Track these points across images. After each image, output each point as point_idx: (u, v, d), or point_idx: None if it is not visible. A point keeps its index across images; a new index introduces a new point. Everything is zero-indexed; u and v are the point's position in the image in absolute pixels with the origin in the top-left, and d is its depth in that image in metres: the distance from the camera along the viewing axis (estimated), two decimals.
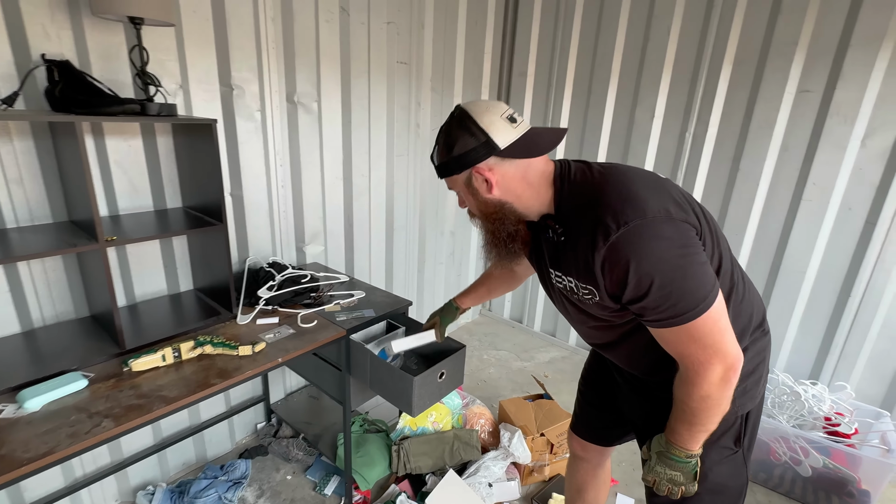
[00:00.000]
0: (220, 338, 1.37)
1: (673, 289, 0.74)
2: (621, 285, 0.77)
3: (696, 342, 0.77)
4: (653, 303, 0.76)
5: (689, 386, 0.81)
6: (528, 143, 0.84)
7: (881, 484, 1.78)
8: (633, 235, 0.74)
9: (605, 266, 0.77)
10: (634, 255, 0.74)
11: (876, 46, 1.83)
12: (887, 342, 2.03)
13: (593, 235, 0.77)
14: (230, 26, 1.63)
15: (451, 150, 0.85)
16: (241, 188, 1.81)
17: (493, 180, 0.85)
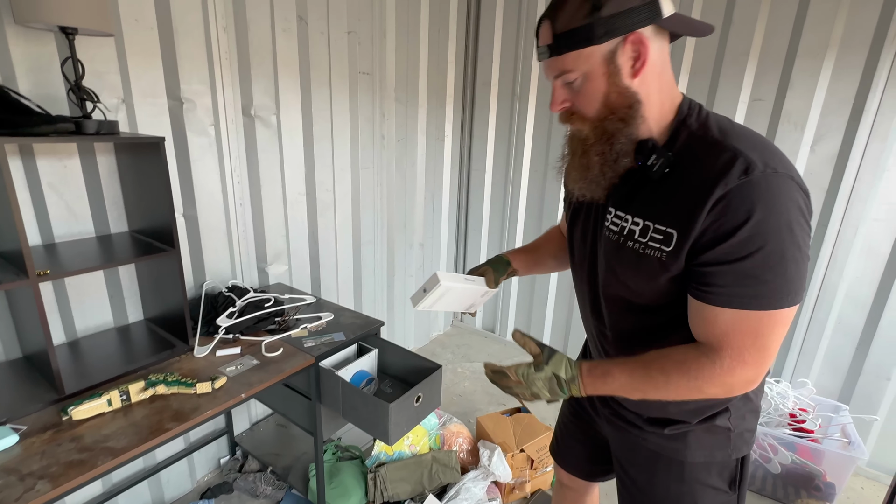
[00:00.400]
0: (175, 375, 1.25)
1: (779, 263, 0.62)
2: (723, 236, 0.63)
3: (754, 336, 0.65)
4: (745, 271, 0.63)
5: (700, 369, 0.68)
6: (683, 21, 0.68)
7: (845, 476, 1.85)
8: (775, 183, 0.61)
9: (718, 205, 0.63)
10: (764, 206, 0.61)
11: (820, 57, 1.93)
12: (841, 338, 2.13)
13: (726, 167, 0.63)
14: (178, 35, 1.52)
15: (599, 7, 0.64)
16: (195, 208, 1.69)
17: (646, 57, 0.66)
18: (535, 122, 2.79)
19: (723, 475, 0.87)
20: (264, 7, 1.74)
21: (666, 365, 0.71)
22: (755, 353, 0.66)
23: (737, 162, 0.63)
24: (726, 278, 0.65)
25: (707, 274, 0.66)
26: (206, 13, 1.58)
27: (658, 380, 0.71)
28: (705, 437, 0.84)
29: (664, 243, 0.70)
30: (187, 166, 1.64)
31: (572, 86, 0.72)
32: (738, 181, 0.62)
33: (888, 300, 1.98)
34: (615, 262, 0.79)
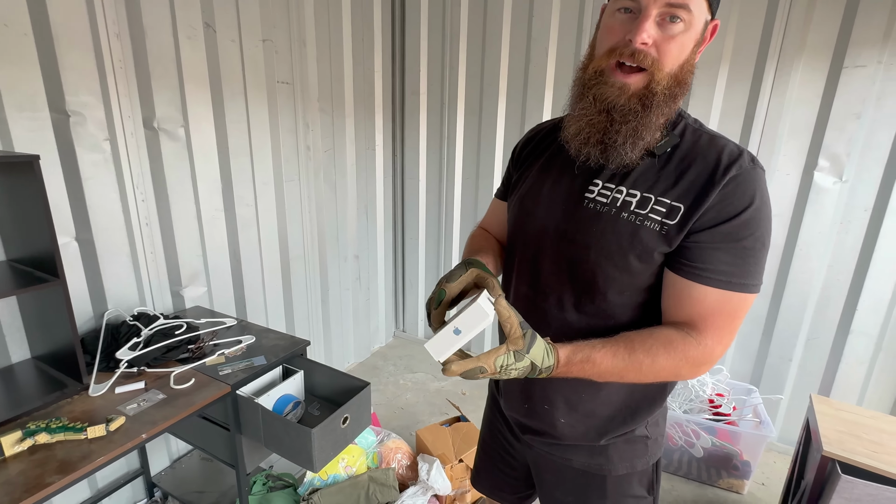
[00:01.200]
0: (62, 420, 1.12)
1: (760, 250, 0.68)
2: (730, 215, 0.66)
3: (730, 318, 0.69)
4: (738, 251, 0.67)
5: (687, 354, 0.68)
6: None
7: (758, 453, 2.00)
8: (758, 177, 0.68)
9: (729, 185, 0.66)
10: (760, 195, 0.67)
11: (716, 69, 2.09)
12: (749, 325, 2.31)
13: (735, 154, 0.69)
14: (59, 43, 1.38)
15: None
16: (91, 231, 1.53)
17: (708, 42, 0.72)
18: (464, 129, 2.82)
19: (642, 482, 0.89)
20: (163, 13, 1.63)
21: (653, 346, 0.68)
22: (728, 334, 0.70)
23: (744, 153, 0.69)
24: (723, 256, 0.67)
25: (706, 250, 0.68)
26: (93, 18, 1.45)
27: (644, 362, 0.68)
28: (626, 449, 0.86)
29: (668, 217, 0.70)
30: (78, 185, 1.48)
31: (672, 27, 0.66)
32: (749, 166, 0.68)
33: (785, 288, 2.18)
34: (599, 233, 0.74)
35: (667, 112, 0.71)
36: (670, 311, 0.73)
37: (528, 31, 2.49)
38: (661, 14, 0.65)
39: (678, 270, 0.70)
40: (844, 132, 1.94)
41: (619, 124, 0.70)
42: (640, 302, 0.77)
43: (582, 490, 0.90)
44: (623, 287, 0.75)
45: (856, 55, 1.86)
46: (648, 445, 0.87)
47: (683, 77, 0.69)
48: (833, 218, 2.03)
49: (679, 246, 0.70)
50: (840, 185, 1.99)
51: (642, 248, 0.72)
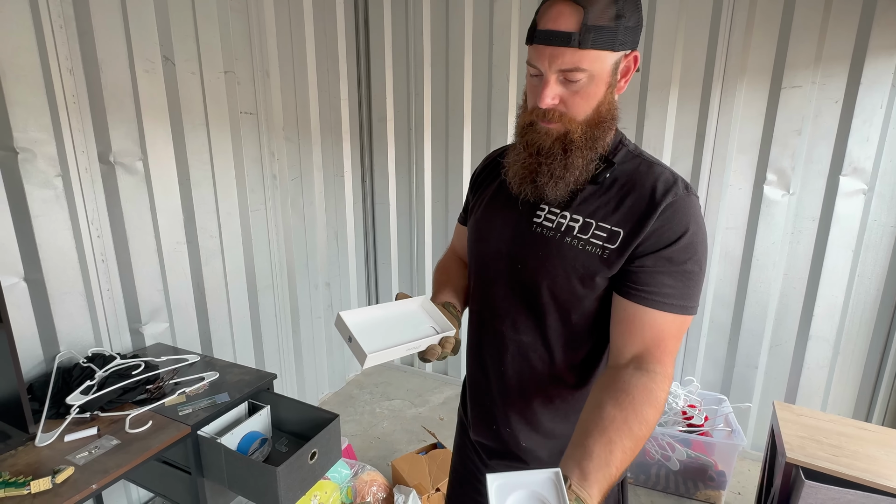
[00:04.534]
0: (2, 475, 1.04)
1: (698, 273, 0.71)
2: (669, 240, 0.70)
3: (676, 339, 0.71)
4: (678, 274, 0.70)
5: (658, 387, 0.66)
6: None
7: (731, 462, 2.03)
8: (692, 204, 0.71)
9: (666, 212, 0.70)
10: (695, 222, 0.71)
11: (666, 91, 2.20)
12: (715, 334, 2.37)
13: (671, 181, 0.72)
14: (6, 79, 1.34)
15: (621, 17, 0.66)
16: (41, 270, 1.47)
17: (630, 76, 0.73)
18: (432, 153, 2.86)
19: (608, 502, 0.88)
20: (119, 47, 1.62)
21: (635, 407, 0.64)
22: (673, 356, 0.71)
23: (678, 181, 0.73)
24: (666, 279, 0.70)
25: (649, 275, 0.70)
26: (44, 54, 1.42)
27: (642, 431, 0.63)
28: None
29: (609, 242, 0.72)
30: (27, 223, 1.43)
31: (573, 84, 0.69)
32: (683, 194, 0.71)
33: (746, 298, 2.25)
34: (545, 257, 0.77)
35: (606, 140, 0.75)
36: (622, 339, 0.72)
37: (489, 58, 2.57)
38: (562, 75, 0.69)
39: (627, 295, 0.72)
40: (788, 147, 2.05)
41: (545, 165, 0.75)
42: (590, 325, 0.79)
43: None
44: (572, 309, 0.77)
45: (792, 76, 1.99)
46: None
47: (602, 118, 0.72)
48: (784, 228, 2.13)
49: (625, 270, 0.72)
50: (788, 197, 2.09)
51: (585, 271, 0.74)
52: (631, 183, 0.74)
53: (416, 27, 2.70)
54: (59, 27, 1.45)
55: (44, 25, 1.42)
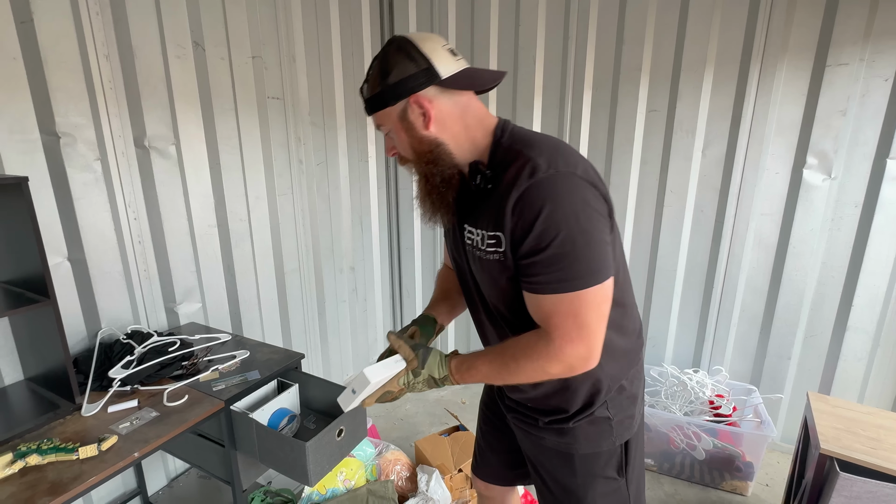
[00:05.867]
0: (53, 441, 1.11)
1: (573, 249, 0.71)
2: (526, 230, 0.73)
3: (572, 315, 0.73)
4: (548, 259, 0.72)
5: (540, 351, 0.76)
6: (469, 76, 0.80)
7: (760, 454, 1.99)
8: (558, 181, 0.71)
9: (517, 205, 0.73)
10: (551, 200, 0.71)
11: (701, 71, 2.12)
12: (746, 324, 2.31)
13: (519, 172, 0.74)
14: (48, 65, 1.39)
15: (386, 77, 0.78)
16: (83, 250, 1.54)
17: (431, 113, 0.79)
18: None
19: (611, 463, 0.95)
20: (152, 33, 1.65)
21: (516, 352, 0.80)
22: (578, 330, 0.74)
23: (526, 167, 0.73)
24: (538, 268, 0.74)
25: (526, 266, 0.76)
26: (82, 41, 1.47)
27: (511, 366, 0.80)
28: (590, 430, 0.92)
29: (497, 246, 0.79)
30: (70, 206, 1.49)
31: (390, 136, 0.86)
32: (528, 182, 0.72)
33: (780, 286, 2.18)
34: (477, 270, 0.88)
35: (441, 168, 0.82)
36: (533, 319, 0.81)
37: (515, 40, 2.52)
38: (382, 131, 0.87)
39: (521, 285, 0.80)
40: (831, 129, 1.95)
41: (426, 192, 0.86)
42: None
43: (557, 468, 0.98)
44: (512, 305, 0.85)
45: (838, 53, 1.89)
46: (613, 427, 0.92)
47: (425, 149, 0.82)
48: (824, 215, 2.03)
49: (517, 265, 0.78)
50: (829, 181, 2.00)
51: (498, 277, 0.83)
52: (503, 175, 0.78)
53: (441, 9, 2.66)
54: (95, 14, 1.49)
55: (81, 13, 1.46)
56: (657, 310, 2.47)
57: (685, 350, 2.48)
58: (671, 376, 2.25)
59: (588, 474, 0.94)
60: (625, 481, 0.96)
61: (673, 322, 2.46)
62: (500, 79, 0.84)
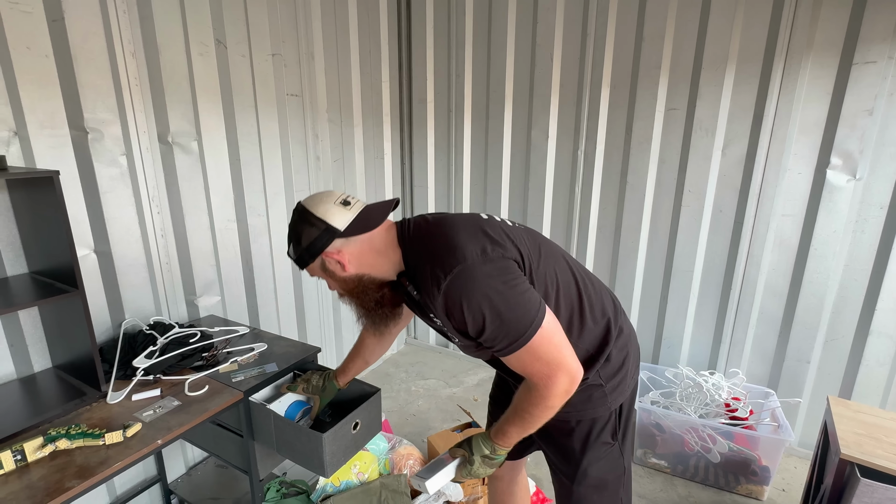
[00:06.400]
0: (80, 427, 1.15)
1: (503, 319, 0.83)
2: (462, 323, 0.86)
3: (538, 360, 0.86)
4: (491, 334, 0.85)
5: (537, 398, 0.89)
6: (363, 219, 0.93)
7: (777, 458, 1.96)
8: (458, 280, 0.84)
9: (446, 310, 0.87)
10: (464, 297, 0.84)
11: (722, 69, 2.08)
12: (764, 326, 2.27)
13: (431, 287, 0.87)
14: (77, 63, 1.43)
15: (299, 243, 0.93)
16: (108, 243, 1.58)
17: (344, 260, 0.93)
18: (471, 135, 2.84)
19: (606, 429, 1.05)
20: (176, 31, 1.69)
21: (525, 406, 0.92)
22: (549, 367, 0.86)
23: (433, 283, 0.87)
24: (490, 342, 0.87)
25: (483, 341, 0.89)
26: (109, 38, 1.50)
27: (528, 419, 0.93)
28: (582, 398, 1.01)
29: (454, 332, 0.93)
30: (97, 199, 1.54)
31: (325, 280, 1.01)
32: (440, 294, 0.86)
33: (801, 289, 2.14)
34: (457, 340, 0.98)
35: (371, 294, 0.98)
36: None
37: (532, 37, 2.51)
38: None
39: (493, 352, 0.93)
40: (856, 129, 1.91)
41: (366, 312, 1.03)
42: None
43: (557, 437, 1.09)
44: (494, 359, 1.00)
45: (865, 51, 1.84)
46: (606, 393, 1.02)
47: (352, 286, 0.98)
48: (848, 216, 1.99)
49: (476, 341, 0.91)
50: (854, 182, 1.95)
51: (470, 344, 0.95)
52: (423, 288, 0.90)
53: (459, 7, 2.66)
54: (122, 12, 1.53)
55: (109, 11, 1.49)
56: (673, 310, 2.44)
57: (701, 351, 2.45)
58: (686, 377, 2.22)
59: (585, 440, 1.05)
60: (617, 444, 1.06)
61: (689, 323, 2.43)
62: (388, 210, 0.97)
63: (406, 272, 0.95)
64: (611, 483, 1.08)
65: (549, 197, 2.68)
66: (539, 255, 0.95)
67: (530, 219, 2.75)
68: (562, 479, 1.12)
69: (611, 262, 2.60)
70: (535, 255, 0.94)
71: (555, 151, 2.60)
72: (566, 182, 2.61)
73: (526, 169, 2.71)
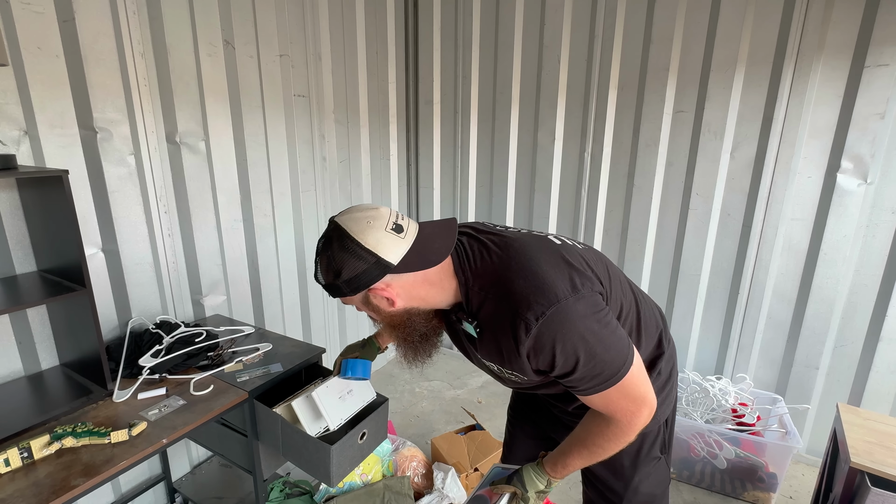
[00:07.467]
0: (87, 425, 1.15)
1: (597, 360, 0.76)
2: (550, 366, 0.78)
3: (626, 398, 0.81)
4: (581, 374, 0.78)
5: (617, 433, 0.84)
6: (421, 251, 0.79)
7: (784, 465, 1.93)
8: (552, 323, 0.74)
9: (531, 354, 0.78)
10: (559, 340, 0.75)
11: (731, 71, 2.07)
12: (772, 331, 2.25)
13: (514, 330, 0.76)
14: (87, 63, 1.45)
15: (338, 275, 0.78)
16: (116, 242, 1.59)
17: (394, 295, 0.81)
18: (478, 137, 2.84)
19: (655, 444, 1.02)
20: (185, 32, 1.70)
21: (597, 440, 0.87)
22: (635, 404, 0.82)
23: (519, 326, 0.76)
24: (576, 382, 0.80)
25: (566, 382, 0.82)
26: (119, 39, 1.51)
27: (599, 452, 0.88)
28: None
29: (520, 373, 0.85)
30: (105, 199, 1.55)
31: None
32: (528, 338, 0.76)
33: (810, 294, 2.11)
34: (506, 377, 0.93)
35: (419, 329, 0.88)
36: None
37: (539, 39, 2.50)
38: None
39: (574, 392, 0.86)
40: (868, 132, 1.88)
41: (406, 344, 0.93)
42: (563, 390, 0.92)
43: None
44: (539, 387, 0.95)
45: (878, 54, 1.82)
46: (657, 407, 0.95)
47: (398, 322, 0.86)
48: (859, 221, 1.96)
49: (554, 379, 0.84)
50: (865, 186, 1.93)
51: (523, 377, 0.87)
52: (494, 328, 0.81)
53: (466, 8, 2.66)
54: (132, 13, 1.54)
55: (119, 12, 1.50)
56: (680, 314, 2.42)
57: (708, 356, 2.43)
58: (693, 382, 2.20)
59: (636, 456, 1.01)
60: (665, 458, 1.04)
61: (696, 327, 2.41)
62: (452, 242, 0.82)
63: (466, 308, 0.84)
64: (658, 497, 1.07)
65: (556, 199, 2.67)
66: (609, 278, 0.88)
67: (536, 221, 2.74)
68: (606, 494, 1.07)
69: (617, 265, 2.58)
70: (607, 280, 0.87)
71: (561, 153, 2.59)
72: (572, 184, 2.60)
73: (532, 170, 2.70)
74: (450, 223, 0.85)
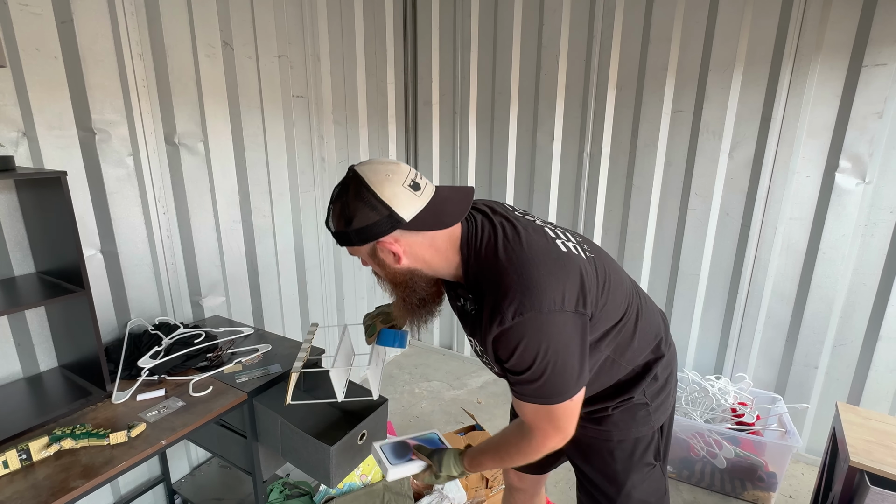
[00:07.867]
0: (85, 426, 1.15)
1: (546, 378, 0.78)
2: (507, 357, 0.80)
3: (550, 421, 0.84)
4: (525, 380, 0.80)
5: (525, 447, 0.89)
6: (435, 212, 0.79)
7: (784, 464, 1.93)
8: (524, 326, 0.76)
9: (495, 343, 0.81)
10: (524, 341, 0.77)
11: (730, 71, 2.07)
12: (771, 331, 2.25)
13: (490, 318, 0.78)
14: (86, 64, 1.44)
15: (349, 222, 0.78)
16: (115, 243, 1.59)
17: (401, 251, 0.81)
18: (476, 137, 2.84)
19: (649, 450, 1.01)
20: (184, 33, 1.69)
21: (508, 448, 0.92)
22: (554, 430, 0.85)
23: (495, 316, 0.77)
24: (517, 382, 0.82)
25: (508, 375, 0.84)
26: (117, 41, 1.51)
27: (506, 459, 0.94)
28: (626, 417, 0.98)
29: (493, 362, 0.88)
30: (103, 200, 1.54)
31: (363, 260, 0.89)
32: (497, 329, 0.78)
33: (809, 293, 2.11)
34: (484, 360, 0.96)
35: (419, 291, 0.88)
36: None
37: (538, 39, 2.50)
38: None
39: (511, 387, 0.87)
40: (866, 132, 1.89)
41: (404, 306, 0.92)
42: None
43: (594, 457, 1.04)
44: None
45: (876, 53, 1.82)
46: (650, 412, 0.99)
47: (400, 280, 0.86)
48: (857, 220, 1.97)
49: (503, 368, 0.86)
50: (863, 186, 1.93)
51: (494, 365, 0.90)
52: (479, 310, 0.82)
53: (465, 9, 2.67)
54: (130, 14, 1.54)
55: (118, 13, 1.50)
56: (679, 314, 2.43)
57: (707, 356, 2.43)
58: (692, 382, 2.21)
59: (628, 461, 1.00)
60: (659, 464, 1.02)
61: (695, 327, 2.41)
62: (467, 207, 0.82)
63: (466, 285, 0.86)
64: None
65: (555, 199, 2.67)
66: (608, 290, 0.86)
67: None
68: (598, 499, 1.07)
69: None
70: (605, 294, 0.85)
71: (560, 153, 2.59)
72: (571, 184, 2.60)
73: (531, 171, 2.70)
74: (467, 191, 0.84)
